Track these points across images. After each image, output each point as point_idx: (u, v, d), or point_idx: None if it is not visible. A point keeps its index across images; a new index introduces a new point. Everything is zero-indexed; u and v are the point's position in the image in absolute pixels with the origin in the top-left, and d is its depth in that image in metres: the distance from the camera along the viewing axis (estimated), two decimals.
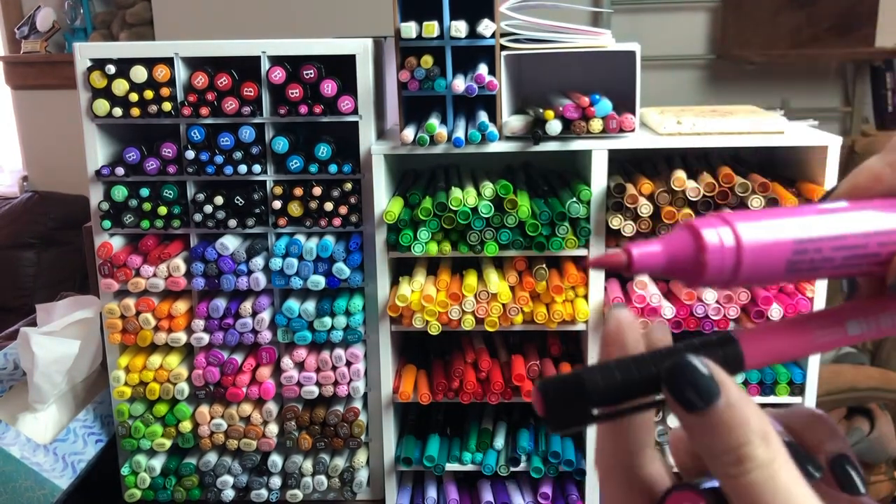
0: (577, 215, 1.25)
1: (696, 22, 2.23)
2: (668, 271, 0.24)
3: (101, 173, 1.32)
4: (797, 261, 0.24)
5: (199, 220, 1.33)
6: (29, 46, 2.68)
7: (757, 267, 0.24)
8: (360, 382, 1.37)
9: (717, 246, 0.24)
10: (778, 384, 1.35)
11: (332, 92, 1.27)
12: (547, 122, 1.24)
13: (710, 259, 0.24)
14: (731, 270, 0.24)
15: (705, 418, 0.23)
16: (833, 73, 2.26)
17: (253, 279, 1.33)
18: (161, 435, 1.40)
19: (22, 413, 1.38)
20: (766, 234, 0.24)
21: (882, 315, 0.26)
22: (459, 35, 1.23)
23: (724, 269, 0.24)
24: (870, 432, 1.58)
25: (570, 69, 1.46)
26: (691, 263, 0.24)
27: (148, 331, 1.36)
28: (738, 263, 0.24)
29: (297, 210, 1.31)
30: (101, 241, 1.35)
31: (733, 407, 0.23)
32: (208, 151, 1.30)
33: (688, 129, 1.28)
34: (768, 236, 0.24)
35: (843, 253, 0.25)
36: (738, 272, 0.24)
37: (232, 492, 1.42)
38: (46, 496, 1.32)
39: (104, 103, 1.30)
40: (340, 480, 1.42)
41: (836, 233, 0.25)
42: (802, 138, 1.27)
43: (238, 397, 1.37)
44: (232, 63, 1.31)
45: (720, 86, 2.27)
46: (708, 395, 0.23)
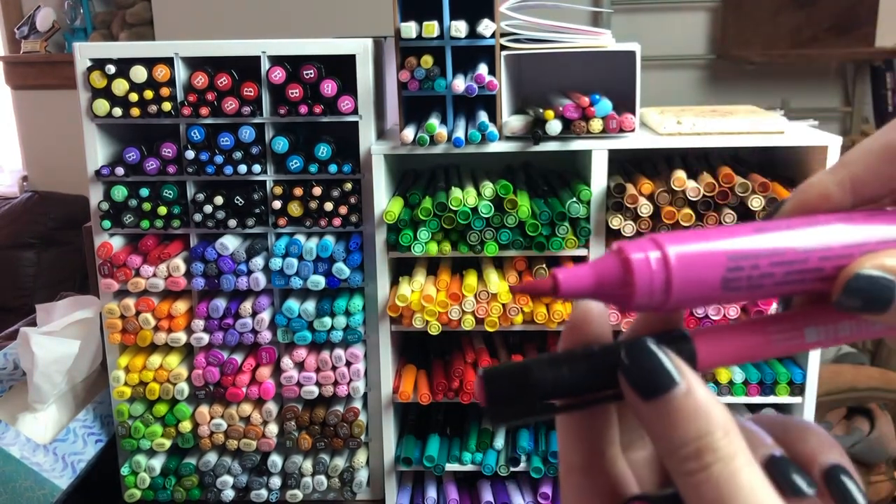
0: (577, 215, 1.25)
1: (696, 22, 2.23)
2: (597, 294, 0.24)
3: (101, 173, 1.32)
4: (733, 277, 0.24)
5: (198, 220, 1.33)
6: (29, 46, 2.68)
7: (688, 285, 0.23)
8: (360, 382, 1.37)
9: (644, 265, 0.23)
10: (778, 384, 1.35)
11: (332, 92, 1.27)
12: (547, 122, 1.24)
13: (637, 279, 0.23)
14: (661, 291, 0.23)
15: (662, 406, 0.22)
16: (833, 73, 2.26)
17: (253, 279, 1.33)
18: (161, 435, 1.40)
19: (22, 413, 1.38)
20: (695, 252, 0.23)
21: (840, 324, 0.26)
22: (459, 35, 1.23)
23: (653, 289, 0.23)
24: (870, 432, 1.58)
25: (570, 69, 1.46)
26: (619, 285, 0.23)
27: (148, 331, 1.36)
28: (668, 283, 0.23)
29: (297, 210, 1.31)
30: (101, 241, 1.35)
31: (693, 395, 0.22)
32: (208, 151, 1.30)
33: (688, 129, 1.28)
34: (698, 253, 0.23)
35: (783, 269, 0.24)
36: (670, 292, 0.23)
37: (232, 492, 1.42)
38: (46, 496, 1.32)
39: (104, 103, 1.30)
40: (340, 480, 1.42)
41: (773, 247, 0.24)
42: (802, 138, 1.27)
43: (238, 397, 1.37)
44: (232, 63, 1.31)
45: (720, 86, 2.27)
46: (667, 381, 0.22)
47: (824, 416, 1.60)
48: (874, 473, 1.58)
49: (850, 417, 1.63)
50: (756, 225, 0.25)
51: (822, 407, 1.54)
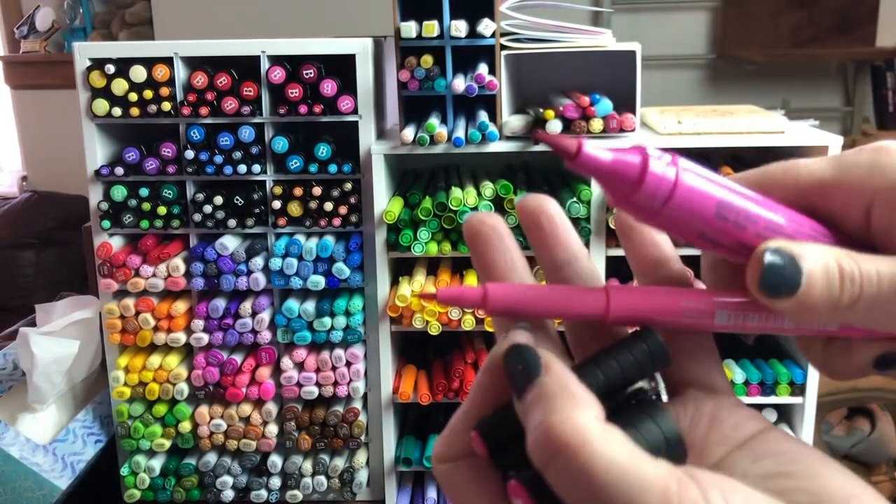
0: (578, 215, 1.25)
1: (697, 21, 2.22)
2: (607, 175, 0.25)
3: (101, 173, 1.32)
4: (725, 208, 0.26)
5: (198, 220, 1.32)
6: (28, 46, 2.68)
7: (687, 202, 0.25)
8: (360, 383, 1.37)
9: (658, 174, 0.25)
10: (779, 384, 1.35)
11: (332, 92, 1.27)
12: (547, 122, 1.23)
13: (647, 181, 0.25)
14: (662, 198, 0.25)
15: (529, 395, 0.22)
16: (833, 72, 2.25)
17: (252, 279, 1.33)
18: (160, 435, 1.40)
19: (21, 413, 1.38)
20: (702, 176, 0.26)
21: (751, 314, 0.27)
22: (459, 35, 1.22)
23: (656, 194, 0.25)
24: (870, 433, 1.57)
25: (571, 69, 1.46)
26: (630, 179, 0.25)
27: (147, 331, 1.36)
28: (670, 196, 0.25)
29: (297, 210, 1.31)
30: (101, 241, 1.35)
31: (550, 378, 0.22)
32: (208, 151, 1.30)
33: (688, 129, 1.28)
34: (703, 178, 0.26)
35: (764, 221, 0.26)
36: (669, 202, 0.25)
37: (231, 492, 1.42)
38: (46, 496, 1.32)
39: (103, 103, 1.30)
40: (340, 481, 1.41)
41: (762, 204, 0.27)
42: (803, 138, 1.27)
43: (237, 398, 1.37)
44: (231, 63, 1.31)
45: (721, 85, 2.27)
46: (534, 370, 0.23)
47: (825, 416, 1.60)
48: (875, 474, 1.58)
49: (850, 418, 1.63)
50: (752, 192, 0.27)
51: (823, 407, 1.54)
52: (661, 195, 0.25)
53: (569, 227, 0.29)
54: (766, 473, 0.24)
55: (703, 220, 0.26)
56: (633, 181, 0.25)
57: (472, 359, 1.37)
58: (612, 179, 0.25)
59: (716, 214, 0.26)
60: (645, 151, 0.25)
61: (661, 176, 0.25)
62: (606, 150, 0.25)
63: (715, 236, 0.26)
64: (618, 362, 0.25)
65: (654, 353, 0.26)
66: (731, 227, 0.26)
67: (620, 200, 0.26)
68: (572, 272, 0.29)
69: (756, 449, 0.25)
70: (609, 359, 0.25)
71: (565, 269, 0.29)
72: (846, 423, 1.62)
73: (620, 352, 0.26)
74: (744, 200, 0.26)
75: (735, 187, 0.27)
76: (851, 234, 0.28)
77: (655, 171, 0.25)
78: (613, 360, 0.25)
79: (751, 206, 0.26)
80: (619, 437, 0.20)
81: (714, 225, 0.26)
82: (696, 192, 0.25)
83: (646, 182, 0.25)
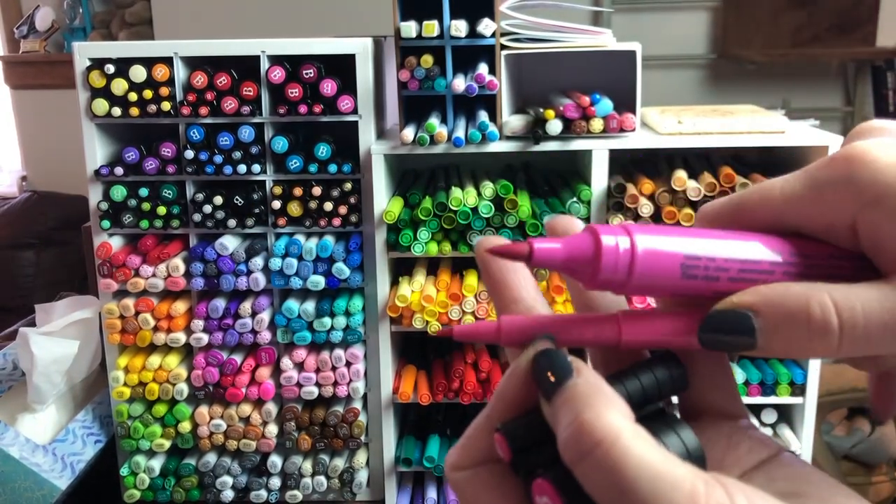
0: (578, 215, 1.25)
1: (697, 21, 2.22)
2: (565, 266, 0.26)
3: (100, 173, 1.32)
4: (691, 265, 0.26)
5: (198, 220, 1.32)
6: (28, 46, 2.68)
7: (651, 267, 0.25)
8: (360, 383, 1.37)
9: (612, 248, 0.25)
10: (779, 384, 1.35)
11: (332, 91, 1.27)
12: (547, 122, 1.23)
13: (604, 258, 0.25)
14: (624, 272, 0.25)
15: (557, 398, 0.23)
16: (834, 72, 2.25)
17: (252, 279, 1.33)
18: (160, 435, 1.40)
19: (21, 413, 1.38)
20: (659, 240, 0.26)
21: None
22: (459, 34, 1.22)
23: (617, 268, 0.25)
24: (871, 433, 1.57)
25: (571, 69, 1.46)
26: (588, 261, 0.25)
27: (147, 331, 1.36)
28: (631, 265, 0.25)
29: (297, 210, 1.31)
30: (100, 241, 1.35)
31: (581, 383, 0.23)
32: (207, 151, 1.30)
33: (688, 129, 1.27)
34: (662, 240, 0.26)
35: (737, 265, 0.26)
36: (632, 272, 0.25)
37: (231, 492, 1.42)
38: (45, 496, 1.32)
39: (103, 103, 1.30)
40: (340, 481, 1.41)
41: (727, 248, 0.26)
42: (803, 138, 1.27)
43: (237, 398, 1.37)
44: (231, 62, 1.31)
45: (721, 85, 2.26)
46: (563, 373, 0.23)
47: (825, 416, 1.60)
48: (875, 474, 1.58)
49: (851, 418, 1.63)
50: (717, 232, 0.27)
51: (824, 407, 1.53)
52: (622, 268, 0.25)
53: (514, 271, 0.30)
54: (781, 492, 0.24)
55: (672, 284, 0.26)
56: (591, 261, 0.25)
57: (473, 359, 1.36)
58: (571, 267, 0.26)
59: (682, 275, 0.26)
60: (594, 229, 0.26)
61: (615, 248, 0.25)
62: (556, 242, 0.26)
63: (689, 294, 0.26)
64: (640, 380, 0.26)
65: (675, 376, 0.26)
66: (701, 283, 0.26)
67: (588, 283, 0.26)
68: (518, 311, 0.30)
69: (770, 472, 0.25)
70: (632, 376, 0.26)
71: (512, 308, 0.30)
72: (847, 424, 1.62)
73: (643, 371, 0.26)
74: (713, 247, 0.26)
75: (700, 237, 0.26)
76: (841, 245, 0.27)
77: (609, 245, 0.25)
78: (636, 377, 0.26)
79: (720, 252, 0.26)
80: (649, 438, 0.21)
81: (684, 285, 0.26)
82: (658, 253, 0.25)
83: (602, 259, 0.25)
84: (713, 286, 0.26)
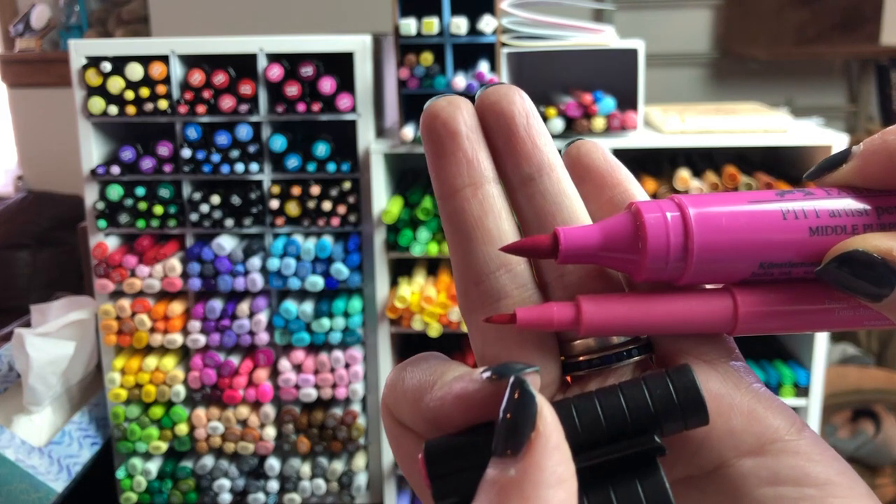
0: None
1: (700, 19, 2.21)
2: (604, 256, 0.21)
3: (97, 172, 1.31)
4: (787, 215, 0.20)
5: (195, 220, 1.31)
6: (24, 44, 2.66)
7: (715, 240, 0.20)
8: (359, 385, 1.35)
9: (658, 217, 0.20)
10: (783, 386, 1.33)
11: (331, 90, 1.25)
12: (548, 121, 1.22)
13: (650, 232, 0.20)
14: (677, 257, 0.20)
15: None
16: (838, 70, 2.24)
17: (250, 280, 1.31)
18: (157, 438, 1.38)
19: (17, 415, 1.36)
20: (724, 213, 0.20)
21: None
22: (460, 32, 1.21)
23: (669, 253, 0.20)
24: (875, 435, 1.56)
25: (573, 67, 1.44)
26: (630, 247, 0.20)
27: (143, 332, 1.34)
28: (688, 245, 0.20)
29: (295, 210, 1.29)
30: (97, 241, 1.33)
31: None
32: (205, 150, 1.28)
33: (691, 128, 1.26)
34: (729, 214, 0.20)
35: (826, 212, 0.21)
36: (690, 248, 0.20)
37: (229, 496, 1.40)
38: (41, 499, 1.30)
39: (99, 101, 1.28)
40: (339, 484, 1.40)
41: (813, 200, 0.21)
42: (806, 137, 1.25)
43: (235, 400, 1.35)
44: (229, 60, 1.29)
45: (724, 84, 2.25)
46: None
47: (829, 418, 1.58)
48: (879, 476, 1.56)
49: (855, 420, 1.62)
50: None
51: (828, 409, 1.52)
52: (675, 251, 0.20)
53: (535, 130, 0.24)
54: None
55: (746, 258, 0.20)
56: (635, 244, 0.20)
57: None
58: (612, 256, 0.21)
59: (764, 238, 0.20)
60: (633, 204, 0.21)
61: (662, 220, 0.20)
62: (591, 227, 0.21)
63: (776, 253, 0.21)
64: (626, 404, 0.20)
65: (684, 401, 0.20)
66: (792, 225, 0.20)
67: (635, 275, 0.21)
68: (535, 191, 0.23)
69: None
70: (617, 398, 0.20)
71: (527, 187, 0.23)
72: (851, 426, 1.60)
73: (635, 392, 0.21)
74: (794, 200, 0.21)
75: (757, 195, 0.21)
76: None
77: (652, 217, 0.20)
78: (621, 400, 0.20)
79: (804, 205, 0.21)
80: None
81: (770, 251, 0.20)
82: (729, 224, 0.20)
83: (649, 236, 0.20)
84: (811, 240, 0.21)
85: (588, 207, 0.23)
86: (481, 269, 0.23)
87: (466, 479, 0.19)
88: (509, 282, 0.23)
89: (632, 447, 0.20)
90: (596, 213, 0.24)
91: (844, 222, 0.21)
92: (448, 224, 0.23)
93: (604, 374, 0.22)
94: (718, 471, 0.22)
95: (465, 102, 0.23)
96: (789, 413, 0.22)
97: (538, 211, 0.23)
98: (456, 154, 0.23)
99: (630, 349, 0.22)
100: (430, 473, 0.20)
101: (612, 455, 0.20)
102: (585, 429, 0.20)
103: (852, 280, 0.20)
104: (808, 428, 0.22)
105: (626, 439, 0.20)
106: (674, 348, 0.23)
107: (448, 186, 0.23)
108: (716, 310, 0.21)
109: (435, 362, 0.23)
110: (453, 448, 0.20)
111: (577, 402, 0.20)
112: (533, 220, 0.23)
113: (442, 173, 0.23)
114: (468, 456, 0.20)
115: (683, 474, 0.22)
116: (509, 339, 0.23)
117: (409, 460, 0.22)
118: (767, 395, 0.23)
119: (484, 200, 0.23)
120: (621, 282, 0.23)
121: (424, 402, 0.22)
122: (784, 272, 0.21)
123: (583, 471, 0.19)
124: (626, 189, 0.24)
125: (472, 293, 0.23)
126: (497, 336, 0.23)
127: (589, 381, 0.23)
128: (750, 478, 0.21)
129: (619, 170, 0.24)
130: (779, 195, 0.21)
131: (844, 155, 0.22)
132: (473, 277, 0.23)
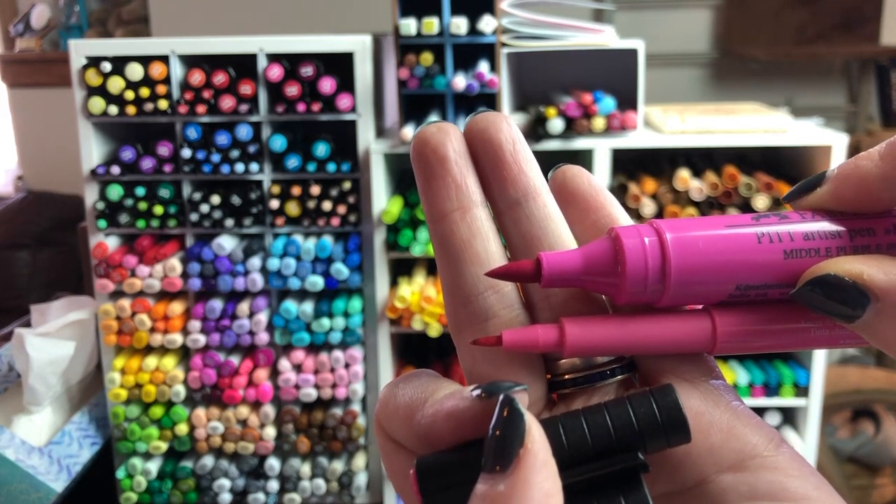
0: None
1: (700, 19, 2.21)
2: (585, 280, 0.22)
3: (97, 172, 1.31)
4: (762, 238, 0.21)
5: (195, 220, 1.31)
6: (24, 44, 2.66)
7: (692, 272, 0.21)
8: (359, 385, 1.35)
9: (636, 242, 0.21)
10: (783, 386, 1.33)
11: (331, 90, 1.25)
12: (548, 121, 1.22)
13: (629, 257, 0.21)
14: (656, 279, 0.21)
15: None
16: (838, 70, 2.24)
17: (250, 280, 1.31)
18: (157, 438, 1.38)
19: (17, 415, 1.36)
20: (701, 236, 0.22)
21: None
22: (460, 32, 1.21)
23: (648, 276, 0.21)
24: (875, 435, 1.56)
25: (573, 67, 1.44)
26: (611, 267, 0.21)
27: (144, 332, 1.34)
28: (665, 269, 0.21)
29: (295, 210, 1.29)
30: (97, 241, 1.33)
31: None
32: (205, 150, 1.28)
33: (691, 128, 1.26)
34: (706, 237, 0.22)
35: (800, 237, 0.22)
36: (667, 280, 0.21)
37: (229, 496, 1.40)
38: (41, 499, 1.30)
39: (99, 101, 1.28)
40: (339, 484, 1.40)
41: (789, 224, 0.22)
42: (806, 137, 1.25)
43: (235, 400, 1.35)
44: (229, 60, 1.29)
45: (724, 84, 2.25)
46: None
47: (829, 418, 1.58)
48: (879, 476, 1.56)
49: (855, 420, 1.62)
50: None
51: (828, 409, 1.52)
52: (653, 265, 0.21)
53: (522, 156, 0.25)
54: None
55: (726, 274, 0.21)
56: (615, 267, 0.21)
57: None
58: (593, 280, 0.22)
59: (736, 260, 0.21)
60: (612, 230, 0.22)
61: (640, 243, 0.21)
62: (572, 252, 0.22)
63: (752, 275, 0.21)
64: (612, 422, 0.21)
65: (667, 421, 0.21)
66: (770, 249, 0.21)
67: (617, 298, 0.22)
68: (521, 215, 0.24)
69: None
70: (602, 417, 0.21)
71: (514, 211, 0.24)
72: (850, 426, 1.60)
73: (620, 410, 0.21)
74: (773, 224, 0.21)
75: (728, 219, 0.22)
76: None
77: (630, 241, 0.21)
78: (607, 418, 0.21)
79: (780, 228, 0.22)
80: None
81: (746, 272, 0.21)
82: (696, 239, 0.21)
83: (627, 260, 0.21)
84: (790, 264, 0.21)
85: (573, 230, 0.25)
86: (470, 290, 0.23)
87: (457, 495, 0.20)
88: (497, 302, 0.23)
89: (616, 464, 0.21)
90: (581, 236, 0.24)
91: (818, 245, 0.22)
92: (437, 246, 0.24)
93: (589, 392, 0.23)
94: (699, 486, 0.22)
95: (453, 129, 0.24)
96: (767, 430, 0.23)
97: (524, 235, 0.24)
98: (445, 179, 0.24)
99: (614, 368, 0.23)
100: (421, 489, 0.21)
101: (597, 471, 0.21)
102: (572, 446, 0.21)
103: (825, 302, 0.21)
104: (787, 444, 0.23)
105: (611, 456, 0.21)
106: (656, 367, 0.24)
107: (437, 210, 0.24)
108: (695, 330, 0.22)
109: (426, 379, 0.24)
110: (444, 464, 0.21)
111: (565, 420, 0.21)
112: (519, 244, 0.24)
113: (431, 197, 0.24)
114: (459, 472, 0.20)
115: (665, 490, 0.22)
116: (497, 358, 0.23)
117: (402, 476, 0.23)
118: (746, 413, 0.23)
119: (472, 223, 0.24)
120: (605, 303, 0.24)
121: (416, 420, 0.22)
122: (760, 294, 0.22)
123: (569, 487, 0.20)
124: (610, 213, 0.25)
125: (460, 313, 0.24)
126: (485, 355, 0.24)
127: (574, 398, 0.23)
128: (729, 493, 0.22)
129: (603, 194, 0.25)
130: (754, 219, 0.22)
131: (819, 179, 0.23)
132: (462, 298, 0.24)
